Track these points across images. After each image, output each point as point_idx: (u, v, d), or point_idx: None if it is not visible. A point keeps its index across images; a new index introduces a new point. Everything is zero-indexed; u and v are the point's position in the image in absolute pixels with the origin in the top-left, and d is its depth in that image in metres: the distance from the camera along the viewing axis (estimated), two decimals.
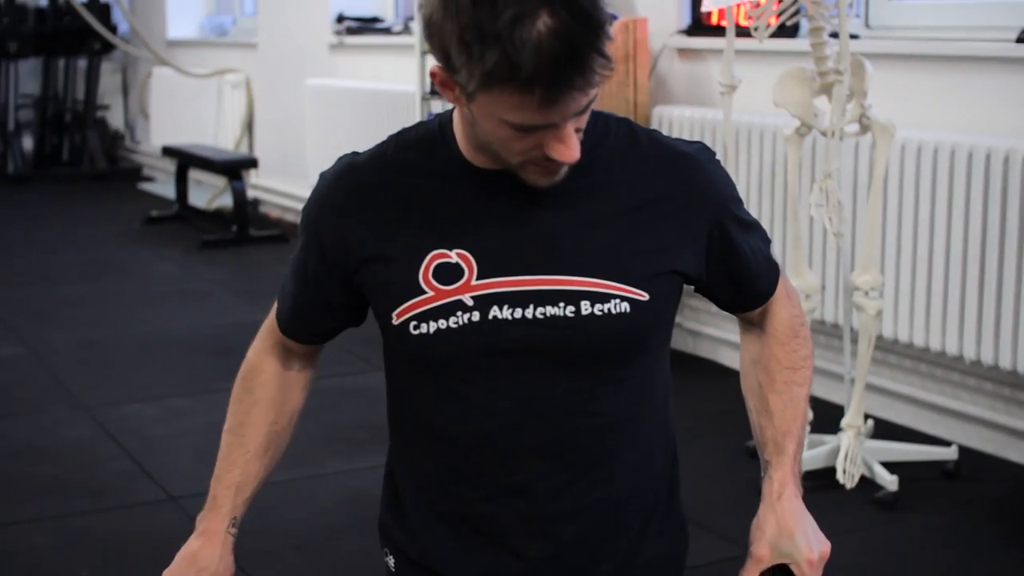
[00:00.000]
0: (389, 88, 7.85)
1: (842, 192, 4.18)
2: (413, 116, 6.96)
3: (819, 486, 4.20)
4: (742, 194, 4.49)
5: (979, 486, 4.28)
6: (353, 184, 1.86)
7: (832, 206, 4.11)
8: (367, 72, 8.45)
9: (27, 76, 12.52)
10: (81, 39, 12.02)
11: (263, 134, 10.13)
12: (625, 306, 1.79)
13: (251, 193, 9.77)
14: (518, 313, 1.78)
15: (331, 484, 4.30)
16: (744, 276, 1.95)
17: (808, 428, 4.33)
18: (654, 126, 5.58)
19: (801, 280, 4.29)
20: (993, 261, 4.28)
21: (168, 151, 10.01)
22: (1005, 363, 4.30)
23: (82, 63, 12.49)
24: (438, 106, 6.85)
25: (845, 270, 4.37)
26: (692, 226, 1.86)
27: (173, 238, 9.10)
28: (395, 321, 1.82)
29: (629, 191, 1.83)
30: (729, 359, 5.60)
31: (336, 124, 8.48)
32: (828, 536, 1.99)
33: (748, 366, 2.04)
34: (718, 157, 1.93)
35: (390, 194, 1.84)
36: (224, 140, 10.27)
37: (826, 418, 4.48)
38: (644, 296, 1.80)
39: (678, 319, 5.83)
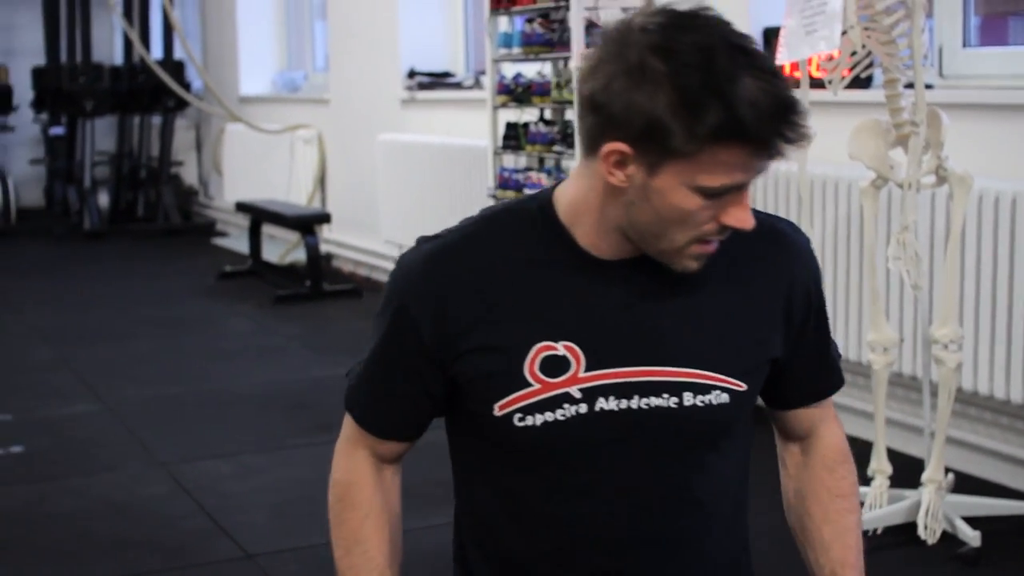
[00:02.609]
0: (460, 142, 7.88)
1: (919, 244, 4.14)
2: (485, 170, 6.97)
3: (900, 542, 4.14)
4: (817, 247, 4.46)
5: None
6: (450, 271, 1.84)
7: (910, 258, 4.07)
8: (438, 127, 8.49)
9: (103, 133, 12.70)
10: (156, 96, 12.18)
11: (335, 189, 10.19)
12: (725, 397, 1.83)
13: (324, 248, 9.82)
14: (623, 404, 1.80)
15: (408, 541, 4.27)
16: (817, 365, 1.97)
17: (888, 481, 4.28)
18: None
19: (879, 333, 4.24)
20: None
21: (241, 206, 10.09)
22: None
23: (156, 120, 12.65)
24: (510, 160, 6.87)
25: (924, 323, 4.32)
26: (787, 310, 1.90)
27: (247, 293, 9.15)
28: (497, 413, 1.81)
29: (732, 279, 1.85)
30: None
31: (408, 179, 8.51)
32: None
33: (793, 498, 2.05)
34: (796, 219, 1.96)
35: (492, 281, 1.82)
36: (297, 195, 10.33)
37: (906, 472, 4.42)
38: (743, 387, 1.85)
39: None
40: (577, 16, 5.91)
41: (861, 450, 4.65)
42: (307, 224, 9.17)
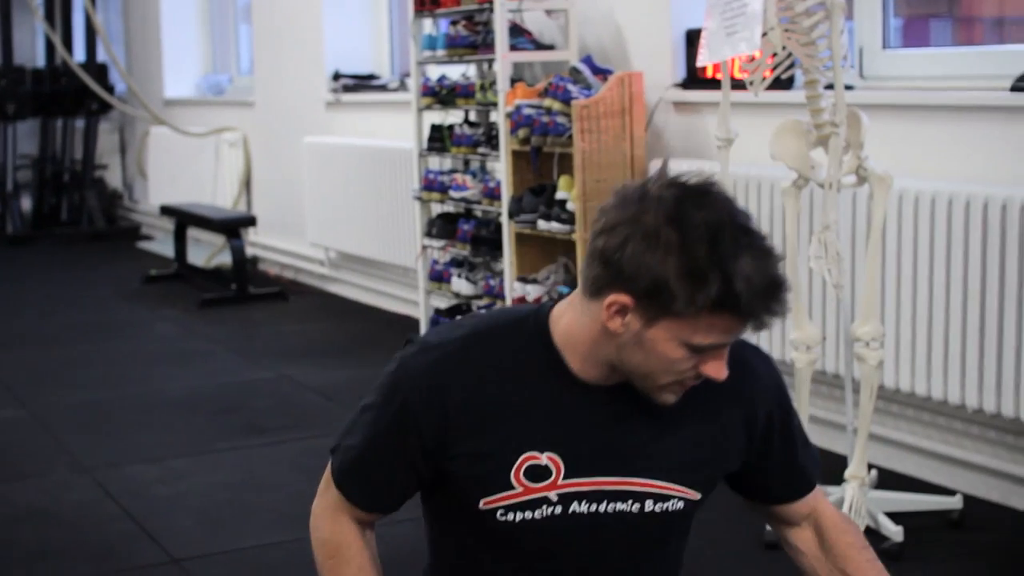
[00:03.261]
0: (386, 144, 7.87)
1: (841, 244, 4.18)
2: (411, 172, 6.97)
3: None
4: None
5: (984, 535, 4.26)
6: (454, 381, 2.05)
7: (831, 258, 4.11)
8: (364, 129, 8.48)
9: (25, 137, 12.56)
10: (79, 100, 12.07)
11: (261, 192, 10.15)
12: (680, 504, 2.11)
13: (250, 251, 9.77)
14: (593, 508, 2.06)
15: None
16: (797, 461, 2.24)
17: None
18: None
19: (802, 332, 4.29)
20: (993, 309, 4.28)
21: (166, 210, 10.03)
22: (1008, 411, 4.29)
23: (80, 123, 12.54)
24: (435, 162, 6.88)
25: (845, 321, 4.36)
26: (749, 431, 2.16)
27: (172, 297, 9.10)
28: (481, 507, 2.06)
29: (699, 404, 2.09)
30: None
31: (334, 181, 8.50)
32: None
33: (816, 564, 2.27)
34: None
35: (489, 393, 2.04)
36: (222, 198, 10.29)
37: (829, 469, 4.46)
38: (697, 496, 2.13)
39: None
40: (501, 18, 5.93)
41: None
42: (232, 227, 9.13)
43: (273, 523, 4.59)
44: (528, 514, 2.05)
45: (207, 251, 10.28)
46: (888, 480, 4.60)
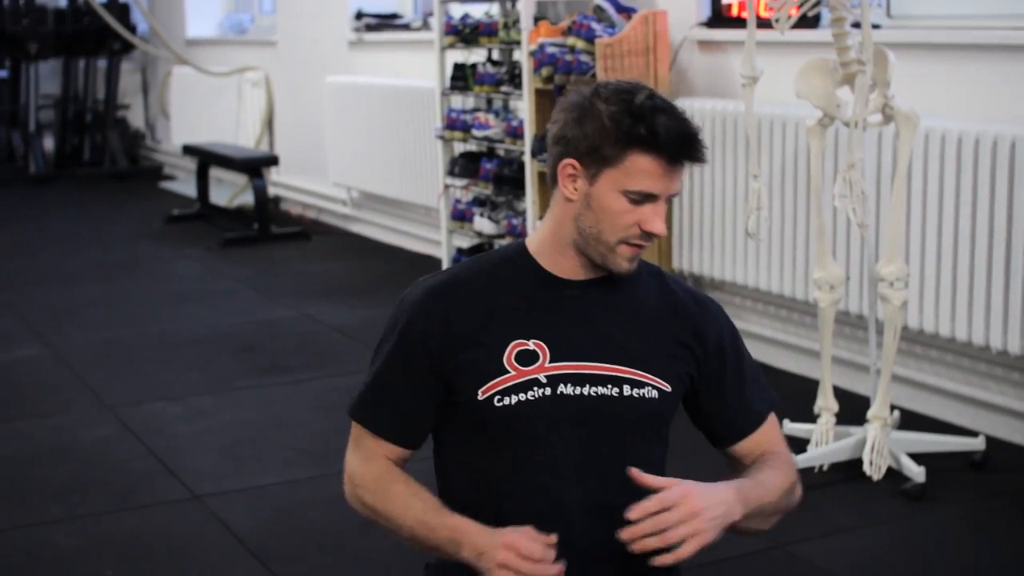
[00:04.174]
0: (408, 84, 7.83)
1: (866, 182, 4.15)
2: (433, 111, 6.94)
3: (846, 478, 4.18)
4: (765, 183, 4.47)
5: (1006, 476, 4.24)
6: (449, 294, 2.31)
7: (856, 197, 4.08)
8: (386, 68, 8.44)
9: (47, 77, 12.55)
10: (101, 39, 12.04)
11: (283, 132, 10.12)
12: (655, 393, 2.30)
13: (272, 191, 9.78)
14: (578, 390, 2.27)
15: None
16: (744, 398, 2.41)
17: (834, 419, 4.31)
18: None
19: (826, 271, 4.26)
20: (1019, 250, 4.25)
21: (189, 150, 10.02)
22: None
23: (102, 63, 12.51)
24: (458, 101, 6.84)
25: (870, 261, 4.34)
26: (701, 350, 2.37)
27: (194, 236, 9.10)
28: (480, 397, 2.26)
29: (665, 314, 2.35)
30: (753, 351, 5.51)
31: (356, 121, 8.47)
32: (856, 528, 2.14)
33: None
34: (744, 158, 2.24)
35: (480, 301, 2.30)
36: (244, 138, 10.26)
37: (852, 410, 4.46)
38: (668, 388, 2.32)
39: None
40: None
41: (807, 388, 4.68)
42: (255, 167, 9.11)
43: (294, 461, 4.59)
44: (522, 396, 2.25)
45: (229, 191, 10.27)
46: (911, 421, 4.58)
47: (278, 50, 10.03)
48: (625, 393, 2.28)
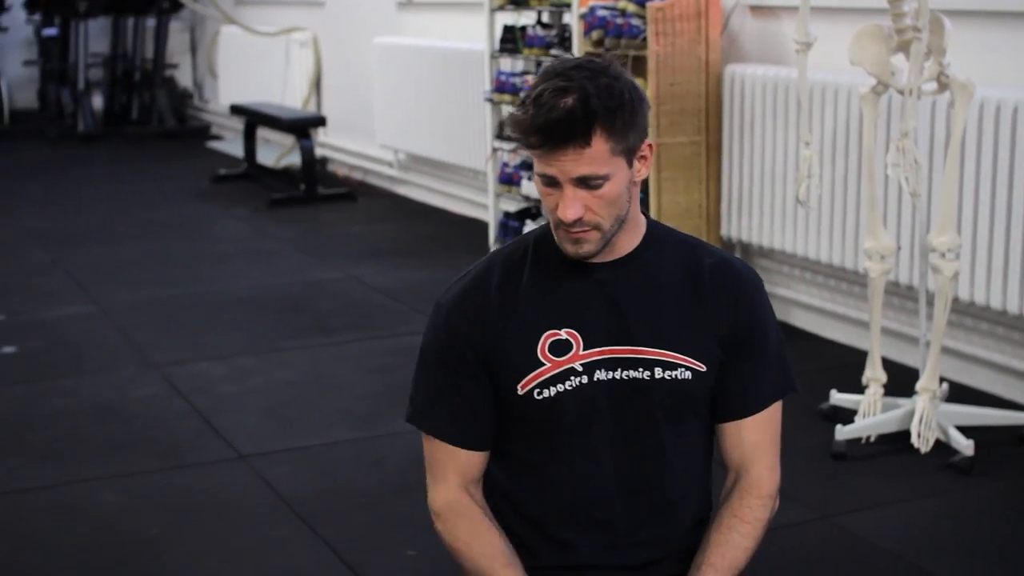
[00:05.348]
0: (457, 46, 7.80)
1: (919, 151, 4.10)
2: (482, 74, 6.90)
3: (893, 450, 4.15)
4: (816, 151, 4.42)
5: None
6: (478, 296, 2.28)
7: (909, 165, 4.03)
8: (435, 30, 8.41)
9: (96, 35, 12.58)
10: None
11: (331, 92, 10.12)
12: (688, 374, 2.26)
13: (319, 151, 9.77)
14: (611, 375, 2.24)
15: (398, 444, 4.28)
16: (745, 382, 2.30)
17: (882, 390, 4.27)
18: (726, 85, 5.51)
19: (877, 241, 4.22)
20: None
21: (236, 110, 10.03)
22: None
23: (151, 22, 12.54)
24: (507, 64, 6.81)
25: (922, 231, 4.29)
26: (731, 325, 2.29)
27: (241, 196, 9.12)
28: (520, 391, 2.25)
29: (693, 290, 2.28)
30: (802, 320, 5.53)
31: (404, 83, 8.45)
32: (902, 501, 2.13)
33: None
34: (795, 125, 2.18)
35: (508, 295, 2.27)
36: (292, 98, 10.26)
37: (901, 382, 4.42)
38: (703, 367, 2.27)
39: None
40: None
41: (856, 359, 4.65)
42: (302, 128, 9.11)
43: (339, 422, 4.59)
44: (560, 386, 2.24)
45: (276, 151, 10.28)
46: (960, 394, 4.54)
47: (326, 10, 10.02)
48: (657, 376, 2.24)
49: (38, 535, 3.77)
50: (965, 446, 4.02)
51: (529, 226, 6.46)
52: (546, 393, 2.24)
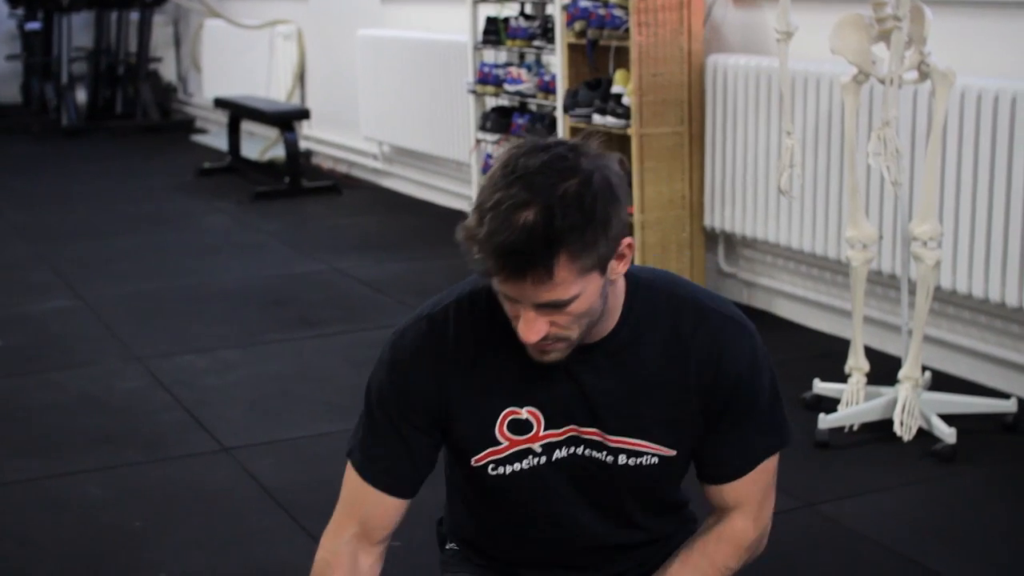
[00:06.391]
0: (440, 38, 7.80)
1: (900, 141, 4.11)
2: (465, 65, 6.90)
3: (876, 438, 4.16)
4: (797, 142, 4.42)
5: None
6: (442, 359, 2.12)
7: (890, 155, 4.04)
8: (418, 22, 8.40)
9: (80, 29, 12.55)
10: None
11: (315, 85, 10.11)
12: (655, 459, 2.15)
13: (303, 144, 9.76)
14: (571, 451, 2.14)
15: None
16: (728, 451, 2.19)
17: (865, 379, 4.29)
18: (708, 75, 5.52)
19: (858, 230, 4.23)
20: None
21: (220, 103, 10.01)
22: None
23: (134, 15, 12.52)
24: (490, 55, 6.81)
25: (903, 220, 4.30)
26: (712, 393, 2.13)
27: (225, 190, 9.11)
28: (474, 464, 2.16)
29: (669, 362, 2.11)
30: (784, 310, 5.55)
31: (388, 75, 8.44)
32: (885, 489, 2.11)
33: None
34: (777, 115, 2.09)
35: (472, 362, 2.11)
36: (276, 91, 10.25)
37: (883, 370, 4.43)
38: (672, 453, 2.16)
39: (733, 269, 5.78)
40: None
41: (838, 347, 4.66)
42: (286, 120, 9.11)
43: (323, 414, 4.60)
44: (516, 466, 2.14)
45: (261, 144, 10.27)
46: (942, 382, 4.56)
47: (310, 3, 10.01)
48: (620, 462, 2.13)
49: (21, 528, 3.77)
50: (948, 434, 4.04)
51: None
52: (501, 471, 2.14)
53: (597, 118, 5.67)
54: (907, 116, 4.53)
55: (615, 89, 5.62)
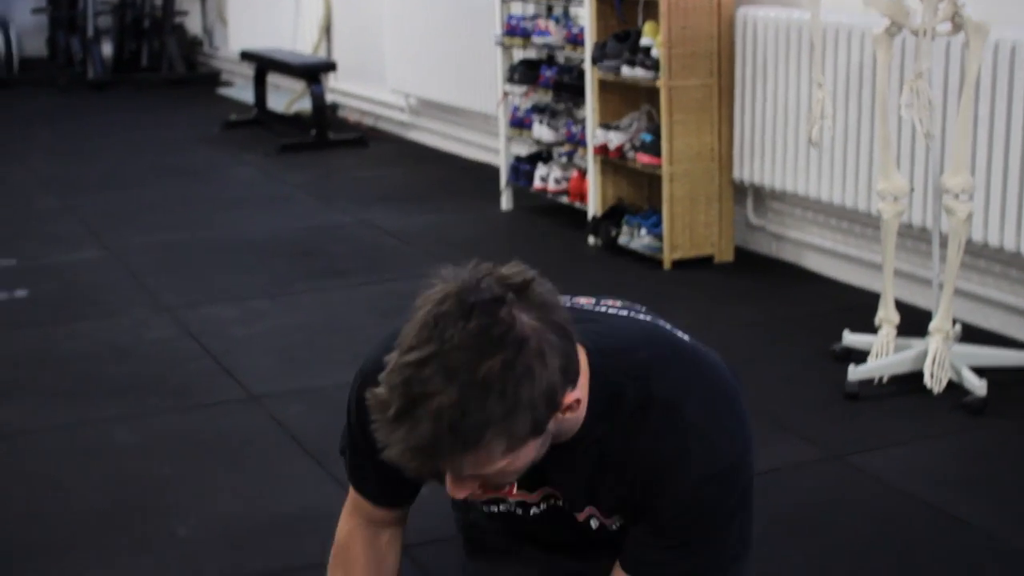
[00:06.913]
0: None
1: (933, 92, 4.08)
2: (492, 18, 6.87)
3: (906, 390, 4.14)
4: (829, 93, 4.38)
5: None
6: None
7: (922, 106, 4.01)
8: None
9: None
10: None
11: (341, 38, 10.08)
12: (623, 522, 2.05)
13: (329, 97, 9.74)
14: (547, 504, 2.07)
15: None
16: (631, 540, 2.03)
17: (895, 331, 4.27)
18: (738, 27, 5.48)
19: (890, 182, 4.20)
20: None
21: (246, 56, 10.00)
22: None
23: None
24: (518, 7, 6.78)
25: (935, 172, 4.27)
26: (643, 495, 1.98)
27: (252, 142, 9.10)
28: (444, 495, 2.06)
29: (632, 458, 1.94)
30: (813, 263, 5.52)
31: (414, 27, 8.41)
32: (915, 441, 2.01)
33: None
34: (808, 68, 1.99)
35: None
36: (302, 44, 10.23)
37: (913, 323, 4.41)
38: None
39: (762, 222, 5.76)
40: None
41: (868, 301, 4.64)
42: (312, 73, 9.09)
43: (350, 363, 4.53)
44: (494, 508, 2.12)
45: (287, 97, 10.25)
46: (973, 335, 4.53)
47: None
48: (592, 525, 2.06)
49: (52, 474, 3.78)
50: (978, 386, 4.02)
51: (540, 170, 6.45)
52: (483, 508, 2.14)
53: (626, 70, 5.64)
54: (940, 68, 4.49)
55: (644, 41, 5.59)
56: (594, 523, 2.05)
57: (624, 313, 2.07)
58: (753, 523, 2.07)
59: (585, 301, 2.10)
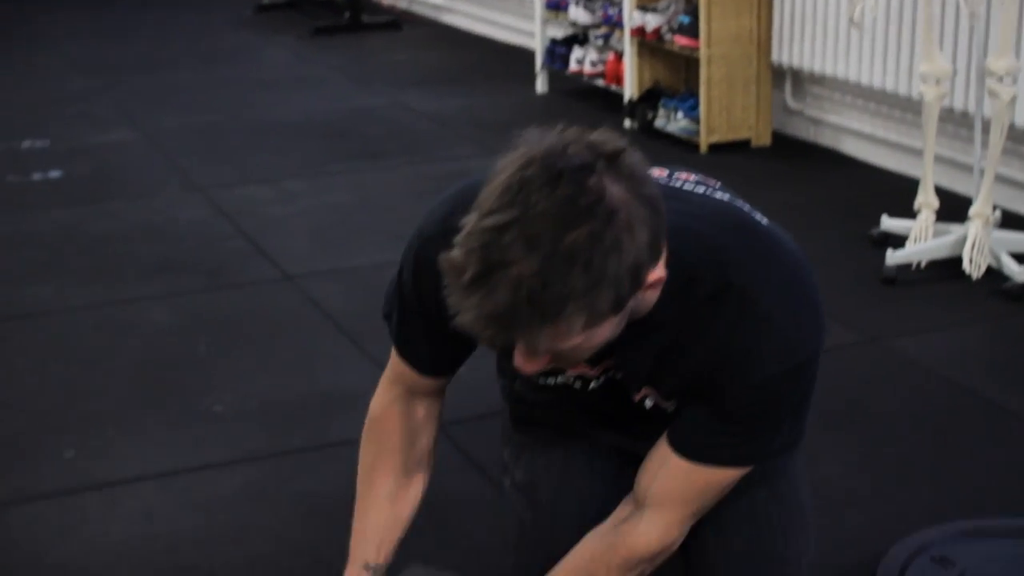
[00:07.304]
0: None
1: None
2: None
3: (944, 276, 4.11)
4: None
5: None
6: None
7: None
8: None
9: None
10: None
11: None
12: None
13: None
14: (608, 378, 1.97)
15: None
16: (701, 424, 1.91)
17: (934, 216, 4.23)
18: None
19: (932, 65, 4.13)
20: None
21: None
22: None
23: None
24: None
25: (979, 54, 4.20)
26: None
27: (285, 25, 9.04)
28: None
29: (691, 342, 1.84)
30: (851, 147, 5.46)
31: None
32: (952, 326, 1.93)
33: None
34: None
35: None
36: None
37: (953, 208, 4.36)
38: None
39: (800, 106, 5.70)
40: None
41: (907, 187, 4.59)
42: None
43: (384, 243, 4.58)
44: (550, 380, 2.02)
45: None
46: (1013, 222, 4.48)
47: None
48: (646, 405, 1.97)
49: (87, 351, 3.80)
50: (1017, 272, 3.98)
51: (576, 52, 6.38)
52: (516, 383, 2.11)
53: None
54: None
55: None
56: (648, 403, 1.97)
57: (701, 190, 2.00)
58: (810, 412, 2.02)
59: (659, 173, 1.98)
